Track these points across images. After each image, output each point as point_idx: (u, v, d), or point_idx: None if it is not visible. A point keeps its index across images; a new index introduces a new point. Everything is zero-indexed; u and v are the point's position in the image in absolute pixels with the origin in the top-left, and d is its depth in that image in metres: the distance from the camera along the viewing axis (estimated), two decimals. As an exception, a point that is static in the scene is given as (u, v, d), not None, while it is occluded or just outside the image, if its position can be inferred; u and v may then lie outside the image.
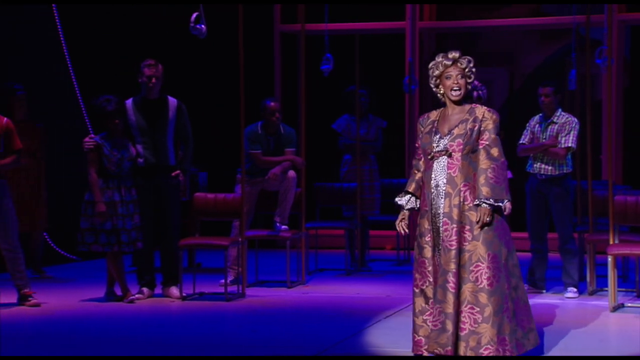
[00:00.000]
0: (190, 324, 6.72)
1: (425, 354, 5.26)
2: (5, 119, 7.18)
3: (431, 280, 5.22)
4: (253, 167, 8.33)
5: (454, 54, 5.30)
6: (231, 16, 8.37)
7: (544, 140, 7.68)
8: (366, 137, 9.31)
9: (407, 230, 5.43)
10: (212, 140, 10.57)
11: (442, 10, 11.46)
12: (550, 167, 7.67)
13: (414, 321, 5.32)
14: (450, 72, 5.28)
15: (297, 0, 8.92)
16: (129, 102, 7.65)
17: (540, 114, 7.82)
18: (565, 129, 7.65)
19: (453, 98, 5.31)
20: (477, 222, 5.13)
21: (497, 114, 5.31)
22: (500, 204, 5.16)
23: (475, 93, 6.87)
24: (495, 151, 5.18)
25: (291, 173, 8.33)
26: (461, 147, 5.19)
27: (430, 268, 5.23)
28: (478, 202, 5.14)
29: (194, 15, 7.49)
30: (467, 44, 11.91)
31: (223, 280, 7.85)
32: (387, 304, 7.37)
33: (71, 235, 7.82)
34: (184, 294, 7.64)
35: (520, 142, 7.79)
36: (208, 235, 8.05)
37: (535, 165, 7.74)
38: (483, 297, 5.11)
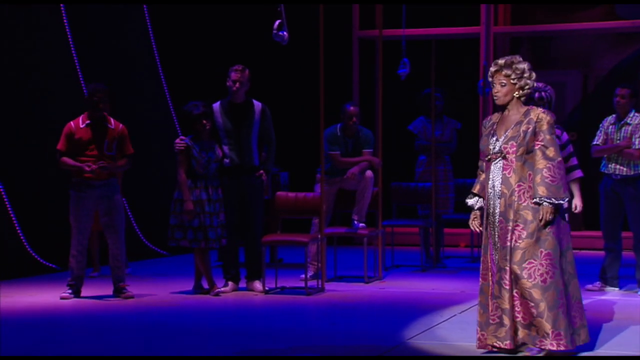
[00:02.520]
0: (272, 316, 6.85)
1: (489, 348, 5.39)
2: (121, 125, 7.56)
3: (490, 276, 5.36)
4: (332, 168, 8.48)
5: (501, 62, 5.38)
6: (311, 23, 8.49)
7: (618, 142, 7.68)
8: (441, 139, 9.33)
9: (480, 229, 5.56)
10: (293, 142, 10.69)
11: (516, 14, 11.48)
12: (624, 168, 7.67)
13: (478, 316, 5.48)
14: (494, 79, 5.39)
15: (376, 0, 9.00)
16: (216, 106, 7.86)
17: (614, 115, 7.80)
18: (639, 130, 7.64)
19: (496, 103, 5.43)
20: (540, 221, 5.20)
21: (552, 115, 5.37)
22: (561, 202, 5.21)
23: (537, 94, 6.88)
24: (550, 151, 5.23)
25: (368, 173, 8.42)
26: (514, 148, 5.28)
27: (489, 265, 5.37)
28: (538, 200, 5.20)
29: (277, 22, 7.62)
30: (541, 47, 11.90)
31: (303, 275, 8.02)
32: (461, 299, 7.38)
33: (161, 231, 8.11)
34: (266, 288, 7.80)
35: (594, 143, 7.79)
36: (289, 232, 8.20)
37: (609, 165, 7.74)
38: (537, 293, 5.19)
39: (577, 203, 7.09)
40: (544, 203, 5.21)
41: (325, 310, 7.12)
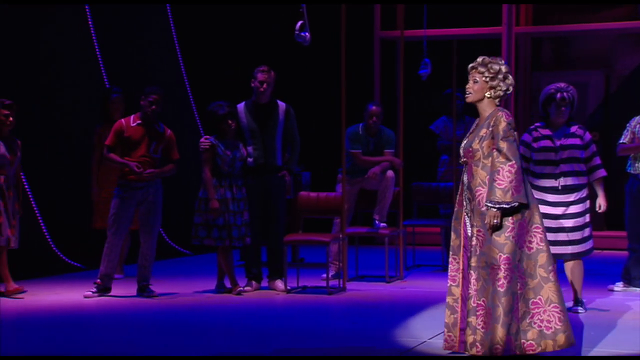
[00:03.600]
0: (294, 315, 6.87)
1: (455, 349, 5.31)
2: (169, 130, 7.64)
3: (460, 278, 5.32)
4: (353, 167, 8.51)
5: (478, 60, 5.30)
6: (333, 24, 8.54)
7: None
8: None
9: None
10: (314, 142, 10.71)
11: (538, 15, 11.47)
12: None
13: (445, 317, 5.41)
14: (469, 76, 5.34)
15: (397, 0, 9.03)
16: (241, 106, 7.91)
17: None
18: None
19: (466, 100, 5.39)
20: (487, 225, 5.12)
21: (509, 116, 5.22)
22: (505, 206, 5.06)
23: (559, 95, 6.85)
24: (504, 154, 5.11)
25: (390, 173, 8.44)
26: (471, 153, 5.25)
27: (459, 267, 5.33)
28: (486, 204, 5.12)
29: (299, 23, 7.65)
30: (562, 47, 11.88)
31: (325, 275, 8.05)
32: None
33: (184, 230, 8.18)
34: (288, 287, 7.83)
35: (620, 141, 7.75)
36: (311, 231, 8.25)
37: (636, 165, 7.70)
38: (495, 298, 5.11)
39: (601, 203, 7.07)
40: (490, 208, 5.12)
41: (346, 310, 7.15)
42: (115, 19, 10.18)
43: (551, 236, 6.90)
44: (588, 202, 6.87)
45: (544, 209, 6.91)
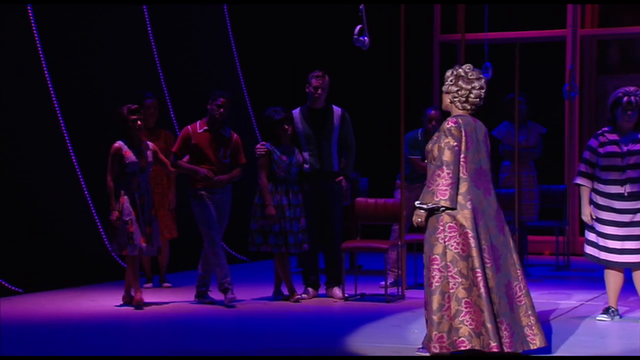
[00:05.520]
0: (352, 323, 6.81)
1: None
2: (235, 134, 7.61)
3: None
4: (412, 173, 8.44)
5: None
6: (392, 28, 8.48)
7: None
8: (526, 144, 9.25)
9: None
10: (373, 147, 10.68)
11: (604, 16, 11.25)
12: None
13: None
14: None
15: (458, 1, 8.91)
16: (296, 112, 7.91)
17: None
18: None
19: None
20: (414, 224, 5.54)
21: (452, 122, 5.48)
22: (425, 207, 5.41)
23: (625, 98, 6.69)
24: (438, 158, 5.44)
25: None
26: (427, 154, 5.58)
27: None
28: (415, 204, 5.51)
29: (357, 28, 7.61)
30: (630, 50, 11.63)
31: (383, 282, 7.99)
32: (546, 308, 7.25)
33: (241, 237, 8.16)
34: (346, 295, 7.80)
35: None
36: (368, 238, 8.20)
37: None
38: (428, 296, 5.46)
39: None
40: (417, 207, 5.48)
41: (405, 318, 7.07)
42: (171, 21, 10.24)
43: (618, 244, 6.73)
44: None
45: (610, 216, 6.75)
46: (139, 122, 7.30)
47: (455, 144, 5.42)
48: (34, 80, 8.70)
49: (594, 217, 6.83)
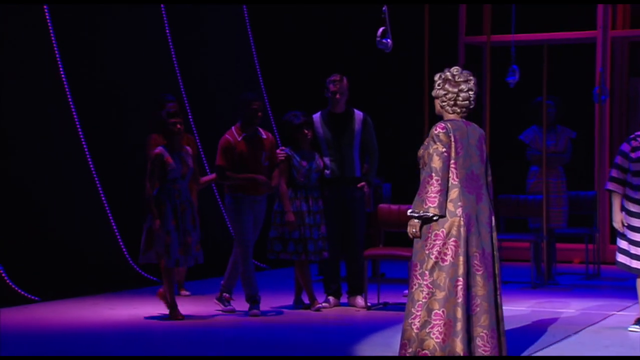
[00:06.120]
0: (374, 333, 6.74)
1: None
2: (268, 133, 7.46)
3: None
4: (438, 179, 8.36)
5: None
6: (415, 30, 8.41)
7: None
8: (555, 149, 9.14)
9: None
10: (396, 152, 10.62)
11: (635, 17, 11.04)
12: None
13: None
14: None
15: (484, 1, 8.84)
16: (317, 117, 7.82)
17: None
18: None
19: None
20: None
21: (438, 127, 5.45)
22: (414, 214, 5.42)
23: None
24: (428, 164, 5.44)
25: None
26: (418, 160, 5.59)
27: None
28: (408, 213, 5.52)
29: (380, 29, 7.53)
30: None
31: (407, 291, 7.85)
32: (576, 319, 7.17)
33: (261, 244, 8.04)
34: (368, 304, 7.70)
35: None
36: (392, 246, 8.07)
37: None
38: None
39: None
40: (409, 215, 5.49)
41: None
42: (189, 22, 10.20)
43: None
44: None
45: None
46: (178, 126, 7.08)
47: (443, 149, 5.41)
48: (50, 82, 8.67)
49: (626, 224, 6.67)
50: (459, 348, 5.31)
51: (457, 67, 5.56)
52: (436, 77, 5.58)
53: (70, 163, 8.76)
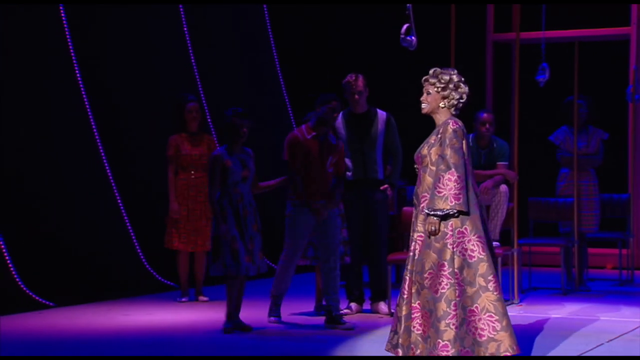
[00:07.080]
0: None
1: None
2: (341, 142, 7.20)
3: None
4: (464, 181, 8.20)
5: (430, 71, 5.62)
6: (442, 26, 8.29)
7: None
8: (586, 150, 9.02)
9: None
10: None
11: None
12: None
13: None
14: (423, 88, 5.67)
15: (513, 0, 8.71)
16: (339, 117, 7.67)
17: None
18: None
19: (421, 112, 5.68)
20: (427, 231, 5.42)
21: (456, 124, 5.47)
22: (439, 212, 5.33)
23: None
24: (446, 161, 5.37)
25: (503, 187, 8.11)
26: (420, 159, 5.54)
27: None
28: (426, 211, 5.41)
29: (404, 27, 7.37)
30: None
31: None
32: (608, 326, 7.02)
33: (279, 248, 7.89)
34: (392, 310, 7.53)
35: None
36: (417, 250, 7.95)
37: None
38: (431, 304, 5.39)
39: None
40: (428, 214, 5.40)
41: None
42: (208, 21, 10.12)
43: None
44: None
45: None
46: (244, 129, 6.85)
47: (460, 146, 5.45)
48: (66, 83, 8.60)
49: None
50: (510, 335, 5.35)
51: (455, 69, 5.66)
52: (445, 77, 5.59)
53: (85, 164, 8.69)
